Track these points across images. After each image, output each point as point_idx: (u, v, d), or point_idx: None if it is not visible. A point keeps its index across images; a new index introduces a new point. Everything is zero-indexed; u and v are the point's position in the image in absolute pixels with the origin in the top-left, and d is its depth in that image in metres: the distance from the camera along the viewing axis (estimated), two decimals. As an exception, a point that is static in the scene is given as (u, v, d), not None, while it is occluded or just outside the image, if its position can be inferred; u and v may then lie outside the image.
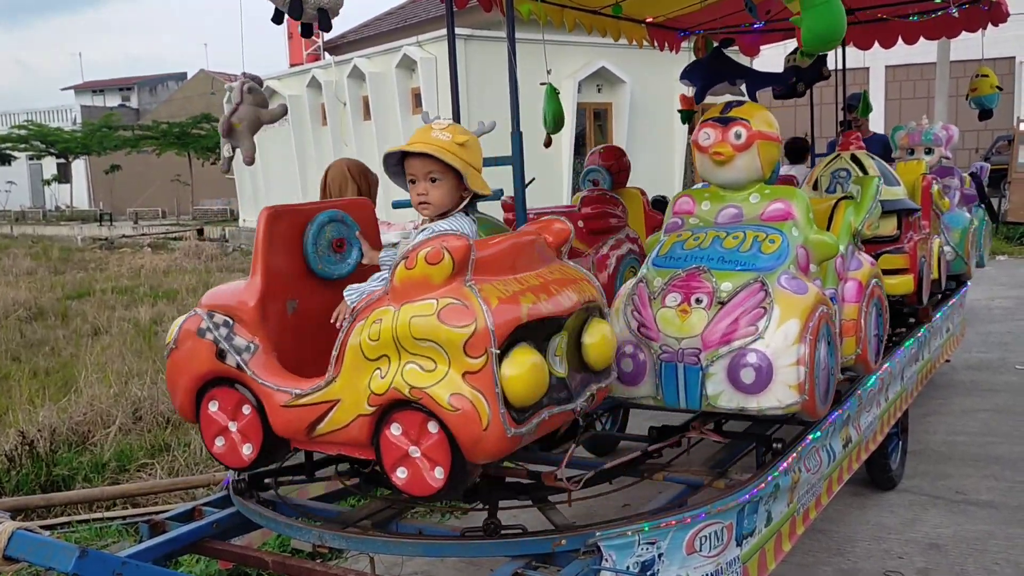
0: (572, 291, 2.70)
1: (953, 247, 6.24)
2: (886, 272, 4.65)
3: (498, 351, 2.31)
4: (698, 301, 3.20)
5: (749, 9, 4.79)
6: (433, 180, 2.67)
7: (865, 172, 4.86)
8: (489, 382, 2.30)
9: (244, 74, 3.64)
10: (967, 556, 4.05)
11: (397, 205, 4.14)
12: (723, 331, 3.12)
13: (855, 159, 4.98)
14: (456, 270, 2.39)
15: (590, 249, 5.00)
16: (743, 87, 6.44)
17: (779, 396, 3.05)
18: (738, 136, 3.43)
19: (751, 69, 6.59)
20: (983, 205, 7.30)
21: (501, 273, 2.54)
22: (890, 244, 4.98)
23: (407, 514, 3.08)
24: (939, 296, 5.95)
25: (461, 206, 2.73)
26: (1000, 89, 6.70)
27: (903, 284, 4.96)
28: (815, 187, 5.05)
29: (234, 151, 3.55)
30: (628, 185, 5.63)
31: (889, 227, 4.94)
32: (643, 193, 5.73)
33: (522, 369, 2.35)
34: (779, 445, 3.38)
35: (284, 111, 3.72)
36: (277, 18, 3.55)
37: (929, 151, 6.42)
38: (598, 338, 2.73)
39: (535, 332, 2.47)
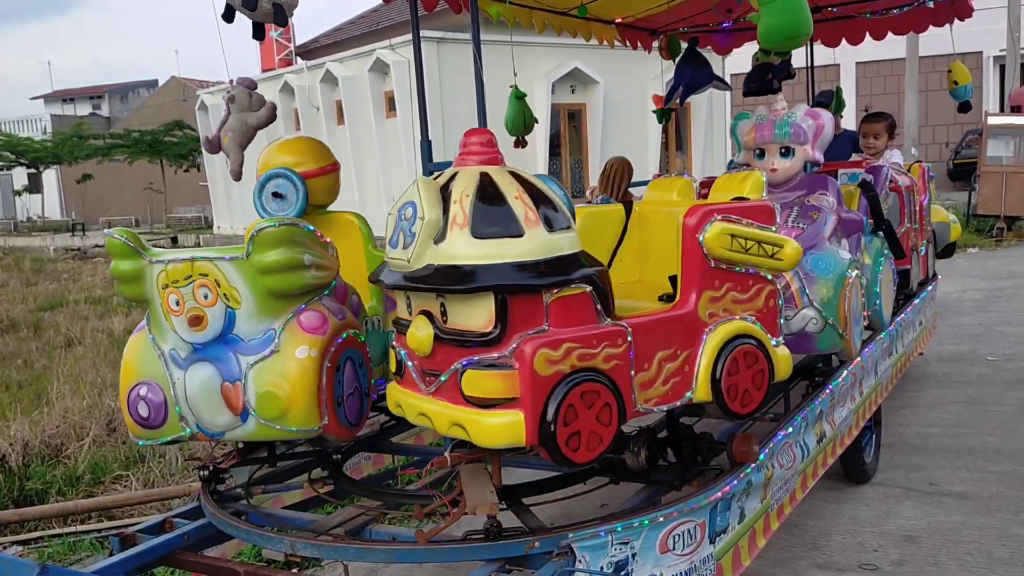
0: None
1: (818, 309, 3.87)
2: (483, 405, 2.44)
3: None
4: None
5: (715, 8, 4.84)
6: None
7: (444, 207, 2.50)
8: None
9: (232, 80, 3.55)
10: (940, 547, 4.09)
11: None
12: None
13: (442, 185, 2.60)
14: None
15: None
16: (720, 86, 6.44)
17: None
18: None
19: (692, 70, 6.18)
20: (881, 232, 4.79)
21: None
22: (484, 349, 2.47)
23: (382, 520, 3.07)
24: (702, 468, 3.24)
25: None
26: (956, 84, 6.36)
27: (505, 429, 2.43)
28: (392, 240, 2.70)
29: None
30: None
31: (479, 318, 2.47)
32: None
33: None
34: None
35: (272, 111, 3.61)
36: (228, 15, 3.30)
37: (787, 151, 4.17)
38: None
39: None
